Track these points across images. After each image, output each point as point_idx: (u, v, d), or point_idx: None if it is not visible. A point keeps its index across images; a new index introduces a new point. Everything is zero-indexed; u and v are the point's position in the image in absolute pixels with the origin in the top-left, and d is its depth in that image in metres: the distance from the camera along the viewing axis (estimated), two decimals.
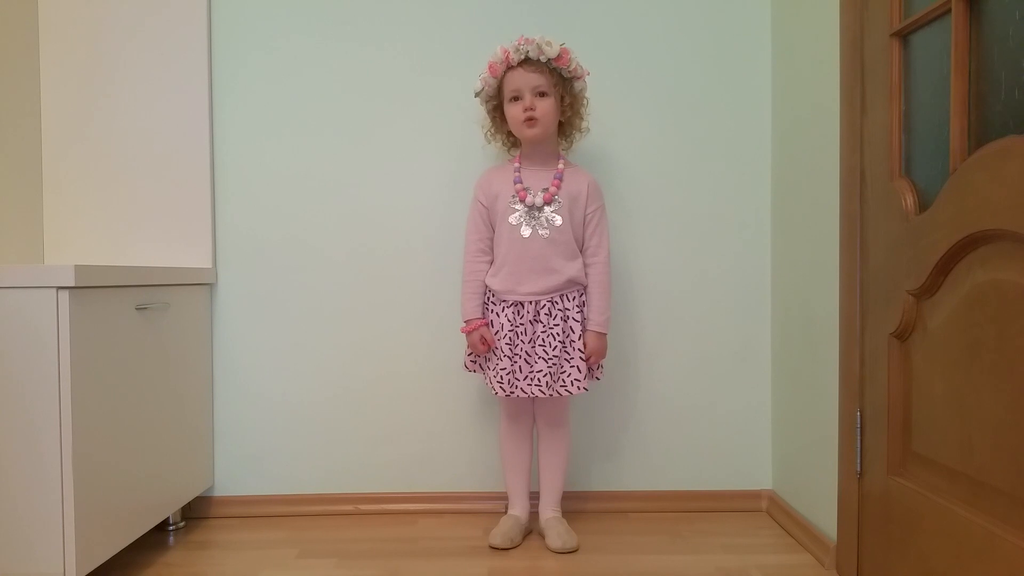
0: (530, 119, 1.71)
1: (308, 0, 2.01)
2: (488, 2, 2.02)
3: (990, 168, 1.12)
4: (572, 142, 1.86)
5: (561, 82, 1.74)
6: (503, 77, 1.74)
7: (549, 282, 1.72)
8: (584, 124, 1.83)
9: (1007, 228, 1.09)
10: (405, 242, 2.03)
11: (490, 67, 1.74)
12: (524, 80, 1.71)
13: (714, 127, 2.04)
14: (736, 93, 2.04)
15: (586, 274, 1.77)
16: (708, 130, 2.05)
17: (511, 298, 1.73)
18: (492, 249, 1.80)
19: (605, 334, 1.78)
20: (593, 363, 1.78)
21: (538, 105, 1.71)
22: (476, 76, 1.79)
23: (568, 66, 1.72)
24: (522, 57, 1.70)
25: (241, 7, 2.00)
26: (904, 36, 1.40)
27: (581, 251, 1.78)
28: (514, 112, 1.74)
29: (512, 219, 1.75)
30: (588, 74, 1.78)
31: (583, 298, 1.77)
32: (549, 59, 1.70)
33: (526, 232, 1.73)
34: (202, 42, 1.97)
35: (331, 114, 2.02)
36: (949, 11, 1.24)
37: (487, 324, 1.77)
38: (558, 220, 1.74)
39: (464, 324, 1.79)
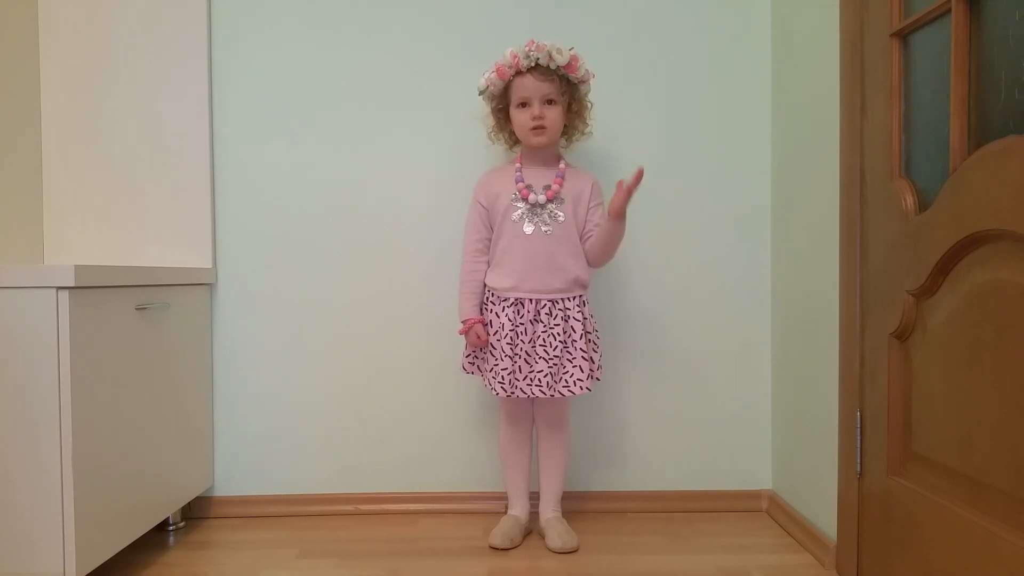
0: (538, 127, 1.71)
1: (308, 3, 2.01)
2: (488, 5, 2.02)
3: (990, 168, 1.12)
4: (572, 143, 1.86)
5: (568, 88, 1.73)
6: (510, 81, 1.72)
7: (554, 281, 1.72)
8: (588, 129, 1.83)
9: (1007, 228, 1.09)
10: (405, 243, 2.03)
11: (498, 70, 1.71)
12: (534, 88, 1.69)
13: (714, 127, 2.04)
14: (736, 93, 2.04)
15: (587, 255, 1.76)
16: (708, 130, 2.04)
17: (512, 295, 1.73)
18: (490, 249, 1.80)
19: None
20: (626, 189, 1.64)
21: (546, 114, 1.70)
22: (476, 79, 1.78)
23: (577, 73, 1.71)
24: (532, 64, 1.68)
25: (241, 8, 2.00)
26: (904, 36, 1.40)
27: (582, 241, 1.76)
28: (522, 119, 1.72)
29: (514, 216, 1.74)
30: (593, 77, 1.77)
31: (583, 299, 1.77)
32: (559, 66, 1.68)
33: (528, 229, 1.73)
34: (202, 42, 1.97)
35: (331, 115, 2.02)
36: (949, 11, 1.24)
37: (482, 322, 1.77)
38: (561, 216, 1.74)
39: (462, 325, 1.79)
